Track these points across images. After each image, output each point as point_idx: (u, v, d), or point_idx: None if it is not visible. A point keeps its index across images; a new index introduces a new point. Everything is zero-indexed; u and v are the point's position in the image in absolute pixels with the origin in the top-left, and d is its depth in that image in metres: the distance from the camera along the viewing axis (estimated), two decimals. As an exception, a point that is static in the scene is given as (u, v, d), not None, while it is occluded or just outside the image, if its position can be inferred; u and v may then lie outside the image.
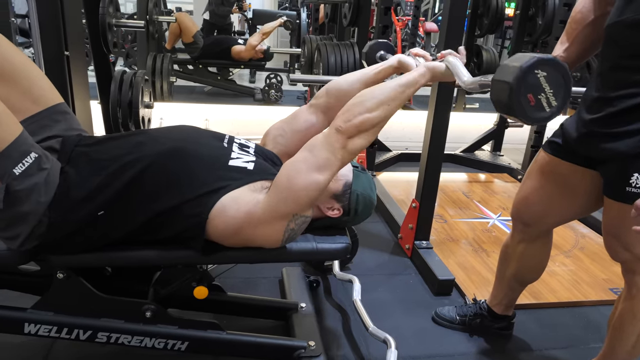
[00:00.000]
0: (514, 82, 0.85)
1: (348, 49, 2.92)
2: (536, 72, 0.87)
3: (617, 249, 1.26)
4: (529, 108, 0.88)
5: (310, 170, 1.11)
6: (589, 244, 2.44)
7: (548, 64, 0.88)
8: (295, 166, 1.14)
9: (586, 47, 1.31)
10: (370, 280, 1.97)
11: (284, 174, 1.14)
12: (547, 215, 1.42)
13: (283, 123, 1.43)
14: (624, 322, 1.32)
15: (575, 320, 1.86)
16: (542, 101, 0.89)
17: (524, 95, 0.87)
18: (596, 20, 1.26)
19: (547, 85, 0.88)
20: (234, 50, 4.91)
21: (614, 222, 1.23)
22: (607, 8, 1.21)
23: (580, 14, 1.29)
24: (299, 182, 1.12)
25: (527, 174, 1.45)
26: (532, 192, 1.42)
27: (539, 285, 2.01)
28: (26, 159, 1.03)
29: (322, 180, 1.13)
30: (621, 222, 1.19)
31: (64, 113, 1.30)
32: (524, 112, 0.87)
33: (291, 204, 1.14)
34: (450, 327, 1.72)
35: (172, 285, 1.37)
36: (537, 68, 0.87)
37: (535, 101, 0.88)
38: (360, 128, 1.12)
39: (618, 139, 1.14)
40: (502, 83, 0.87)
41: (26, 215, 1.05)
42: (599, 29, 1.24)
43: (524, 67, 0.85)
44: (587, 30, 1.28)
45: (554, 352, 1.68)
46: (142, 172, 1.12)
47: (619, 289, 2.05)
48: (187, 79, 5.01)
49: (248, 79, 6.30)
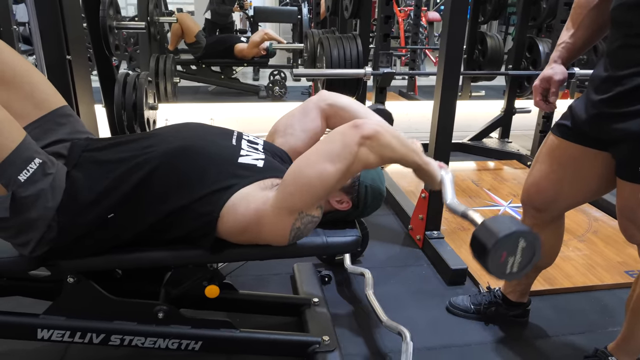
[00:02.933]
0: (502, 236, 0.94)
1: (351, 41, 2.89)
2: (521, 239, 0.97)
3: (633, 232, 1.24)
4: (497, 262, 0.97)
5: (318, 162, 1.08)
6: (602, 227, 2.41)
7: (533, 239, 0.98)
8: (303, 160, 1.12)
9: (593, 31, 1.29)
10: (382, 273, 1.95)
11: (292, 169, 1.12)
12: (559, 200, 1.39)
13: (292, 119, 1.41)
14: None
15: (591, 305, 1.83)
16: (508, 263, 0.98)
17: (501, 250, 0.96)
18: (601, 4, 1.24)
19: (520, 254, 0.98)
20: (237, 49, 4.90)
21: (628, 204, 1.20)
22: None
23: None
24: (303, 175, 1.09)
25: (536, 159, 1.42)
26: (542, 176, 1.39)
27: (553, 270, 1.98)
28: (30, 165, 1.02)
29: (327, 173, 1.07)
30: (636, 204, 1.16)
31: (68, 116, 1.29)
32: (492, 263, 0.97)
33: (296, 199, 1.11)
34: (465, 317, 1.71)
35: (183, 285, 1.37)
36: (524, 237, 0.97)
37: (504, 260, 0.97)
38: (376, 135, 1.06)
39: (629, 118, 1.12)
40: (491, 232, 0.96)
41: (35, 221, 1.05)
42: (604, 12, 1.22)
43: (515, 230, 0.95)
44: (593, 13, 1.26)
45: (571, 337, 1.65)
46: (150, 172, 1.11)
47: (635, 271, 2.02)
48: (191, 79, 5.02)
49: (252, 77, 6.30)
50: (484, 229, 0.98)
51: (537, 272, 1.61)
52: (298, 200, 1.11)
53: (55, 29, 1.93)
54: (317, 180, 1.09)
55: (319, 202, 1.16)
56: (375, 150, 1.07)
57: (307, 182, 1.09)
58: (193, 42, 4.84)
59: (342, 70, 2.63)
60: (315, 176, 1.08)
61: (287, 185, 1.11)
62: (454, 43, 1.91)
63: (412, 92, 5.39)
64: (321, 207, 1.19)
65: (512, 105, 3.53)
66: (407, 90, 5.46)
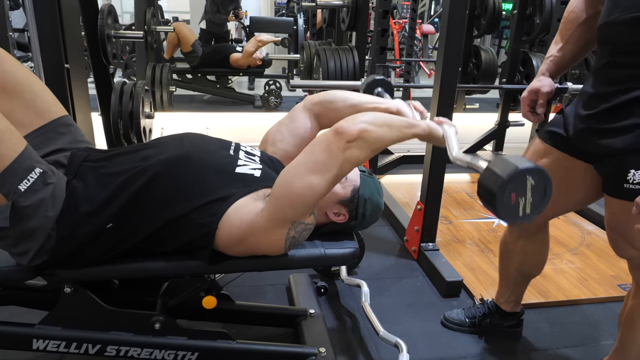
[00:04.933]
0: (507, 177, 0.89)
1: (347, 53, 2.92)
2: (528, 176, 0.90)
3: (622, 246, 1.25)
4: (508, 205, 0.91)
5: (306, 174, 1.08)
6: (595, 240, 2.43)
7: (541, 175, 0.92)
8: (291, 171, 1.11)
9: (580, 46, 1.31)
10: (378, 284, 1.96)
11: (281, 180, 1.12)
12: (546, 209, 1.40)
13: (281, 126, 1.42)
14: (635, 318, 1.31)
15: (585, 318, 1.85)
16: (519, 205, 0.92)
17: (509, 192, 0.90)
18: (589, 20, 1.27)
19: (530, 193, 0.92)
20: (232, 58, 4.92)
21: (617, 219, 1.22)
22: (599, 7, 1.22)
23: (572, 13, 1.30)
24: (293, 187, 1.09)
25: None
26: None
27: (547, 284, 2.00)
28: (31, 175, 1.02)
29: (317, 184, 1.08)
30: (624, 219, 1.18)
31: (69, 125, 1.29)
32: (502, 206, 0.91)
33: (288, 210, 1.11)
34: (461, 331, 1.71)
35: (180, 295, 1.37)
36: (531, 174, 0.91)
37: (515, 202, 0.92)
38: (361, 135, 1.06)
39: (614, 135, 1.13)
40: (496, 175, 0.91)
41: (34, 230, 1.04)
42: (592, 28, 1.25)
43: (520, 168, 0.89)
44: (581, 29, 1.29)
45: (565, 350, 1.66)
46: (149, 181, 1.11)
47: (627, 284, 2.04)
48: (187, 88, 5.02)
49: (247, 87, 6.32)
50: (488, 173, 0.93)
51: (527, 281, 1.62)
52: (290, 211, 1.11)
53: (54, 38, 1.94)
54: (308, 192, 1.09)
55: (311, 210, 1.16)
56: (365, 148, 1.07)
57: (298, 194, 1.09)
58: (189, 51, 4.86)
59: (339, 82, 2.66)
60: (305, 187, 1.08)
61: (278, 197, 1.11)
62: (451, 56, 1.94)
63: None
64: (314, 214, 1.20)
65: (506, 119, 3.57)
66: (402, 101, 5.51)
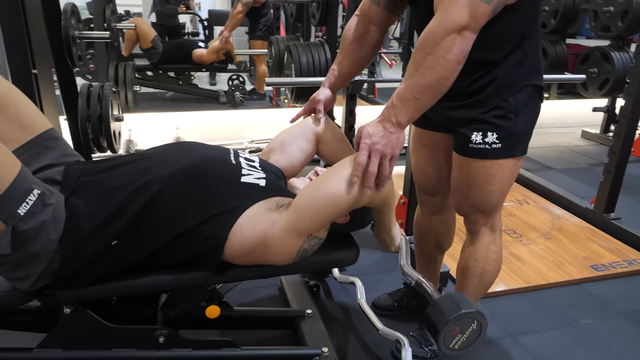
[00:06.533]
0: (452, 320, 1.06)
1: (319, 48, 2.92)
2: (475, 322, 1.08)
3: (463, 204, 1.40)
4: (448, 336, 1.07)
5: (335, 189, 1.10)
6: (565, 224, 2.56)
7: (483, 325, 1.09)
8: (317, 185, 1.14)
9: (354, 61, 1.40)
10: (368, 280, 1.98)
11: (306, 192, 1.14)
12: (442, 180, 1.50)
13: (290, 137, 1.44)
14: (469, 266, 1.45)
15: (564, 300, 1.95)
16: (454, 338, 1.09)
17: (453, 326, 1.06)
18: (360, 38, 1.37)
19: (467, 335, 1.09)
20: (195, 54, 4.81)
21: (459, 179, 1.36)
22: (370, 27, 1.36)
23: (348, 31, 1.39)
24: (318, 200, 1.11)
25: (412, 151, 1.56)
26: (423, 164, 1.53)
27: (527, 269, 2.10)
28: (30, 197, 0.97)
29: (341, 202, 1.11)
30: (464, 177, 1.33)
31: (56, 139, 1.24)
32: (443, 336, 1.07)
33: (308, 222, 1.12)
34: (391, 315, 1.77)
35: (181, 306, 1.35)
36: (478, 319, 1.08)
37: (454, 335, 1.08)
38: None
39: (462, 109, 1.27)
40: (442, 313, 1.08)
41: (37, 254, 1.00)
42: (365, 46, 1.37)
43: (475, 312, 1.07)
44: (354, 46, 1.38)
45: (550, 332, 1.75)
46: (154, 196, 1.08)
47: (598, 265, 2.17)
48: (148, 86, 4.87)
49: (208, 82, 6.19)
50: (435, 309, 1.10)
51: (442, 254, 1.73)
52: (310, 223, 1.13)
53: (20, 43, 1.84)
54: (332, 205, 1.11)
55: (327, 225, 1.18)
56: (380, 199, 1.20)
57: (322, 207, 1.11)
58: (149, 47, 4.70)
59: (314, 79, 2.65)
60: (330, 201, 1.11)
61: (301, 208, 1.12)
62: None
63: (372, 95, 5.51)
64: (327, 229, 1.21)
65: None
66: (367, 94, 5.56)
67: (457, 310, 1.06)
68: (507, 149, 1.25)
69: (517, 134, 1.25)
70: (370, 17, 1.37)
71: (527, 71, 1.22)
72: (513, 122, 1.23)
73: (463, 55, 1.03)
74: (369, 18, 1.37)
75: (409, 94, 1.06)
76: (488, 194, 1.32)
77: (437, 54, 1.01)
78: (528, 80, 1.23)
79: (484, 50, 1.16)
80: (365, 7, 1.38)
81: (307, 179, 1.35)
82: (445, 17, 1.01)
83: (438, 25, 1.02)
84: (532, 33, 1.21)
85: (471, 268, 1.45)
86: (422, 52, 1.03)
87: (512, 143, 1.25)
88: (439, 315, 1.07)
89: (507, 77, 1.21)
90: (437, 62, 1.02)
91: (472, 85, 1.23)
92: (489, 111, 1.23)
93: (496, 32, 1.14)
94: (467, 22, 1.01)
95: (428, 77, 1.03)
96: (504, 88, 1.21)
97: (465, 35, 1.01)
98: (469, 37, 1.02)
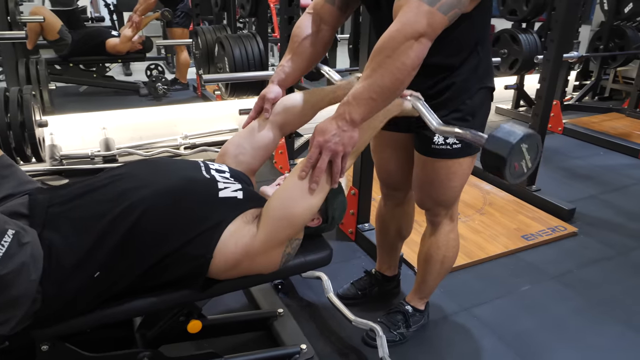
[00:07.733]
0: (508, 157, 1.02)
1: (251, 40, 2.88)
2: (522, 145, 1.04)
3: (426, 200, 1.52)
4: (513, 173, 1.06)
5: (306, 195, 1.13)
6: (494, 199, 2.80)
7: (530, 137, 1.05)
8: (288, 193, 1.15)
9: (304, 59, 1.43)
10: (328, 271, 2.03)
11: (278, 203, 1.15)
12: (406, 177, 1.61)
13: (241, 139, 1.42)
14: (431, 254, 1.59)
15: (504, 270, 2.15)
16: (522, 166, 1.06)
17: (512, 165, 1.04)
18: (312, 36, 1.40)
19: (527, 153, 1.06)
20: (109, 44, 4.50)
21: (422, 177, 1.47)
22: (322, 26, 1.40)
23: (298, 29, 1.43)
24: (295, 209, 1.14)
25: (374, 150, 1.66)
26: (387, 163, 1.63)
27: (469, 245, 2.28)
28: (4, 239, 0.90)
29: (315, 204, 1.16)
30: (428, 175, 1.43)
31: (9, 166, 1.15)
32: (510, 177, 1.06)
33: (288, 231, 1.16)
34: (355, 303, 1.84)
35: (159, 325, 1.32)
36: (523, 142, 1.04)
37: (518, 167, 1.06)
38: (346, 148, 1.13)
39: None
40: (497, 156, 1.04)
41: (18, 298, 0.93)
42: (316, 45, 1.41)
43: (515, 144, 1.02)
44: (305, 44, 1.42)
45: (497, 301, 1.94)
46: (137, 222, 1.05)
47: (528, 234, 2.40)
48: (58, 81, 4.47)
49: (123, 72, 5.82)
50: (488, 153, 1.05)
51: (402, 241, 1.86)
52: (290, 231, 1.16)
53: None
54: (308, 211, 1.15)
55: (303, 227, 1.22)
56: (353, 157, 1.21)
57: (299, 214, 1.14)
58: (56, 38, 4.32)
59: (253, 73, 2.63)
60: (306, 208, 1.14)
61: (277, 218, 1.14)
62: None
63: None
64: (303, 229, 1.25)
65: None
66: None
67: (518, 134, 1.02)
68: (466, 148, 1.36)
69: None
70: (322, 16, 1.39)
71: (481, 74, 1.33)
72: (471, 124, 1.33)
73: (419, 60, 1.07)
74: (322, 17, 1.39)
75: (366, 94, 1.08)
76: (450, 189, 1.43)
77: (396, 57, 1.05)
78: (483, 83, 1.33)
79: (443, 55, 1.24)
80: (319, 6, 1.39)
81: (276, 185, 1.36)
82: (404, 24, 1.05)
83: (397, 31, 1.06)
84: (485, 37, 1.31)
85: (434, 256, 1.57)
86: (382, 55, 1.07)
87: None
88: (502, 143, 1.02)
89: (464, 82, 1.31)
90: (395, 66, 1.05)
91: (433, 88, 1.32)
92: (449, 114, 1.32)
93: (453, 38, 1.22)
94: (424, 30, 1.05)
95: (385, 79, 1.06)
96: (462, 92, 1.31)
97: (422, 42, 1.06)
98: (425, 44, 1.07)
